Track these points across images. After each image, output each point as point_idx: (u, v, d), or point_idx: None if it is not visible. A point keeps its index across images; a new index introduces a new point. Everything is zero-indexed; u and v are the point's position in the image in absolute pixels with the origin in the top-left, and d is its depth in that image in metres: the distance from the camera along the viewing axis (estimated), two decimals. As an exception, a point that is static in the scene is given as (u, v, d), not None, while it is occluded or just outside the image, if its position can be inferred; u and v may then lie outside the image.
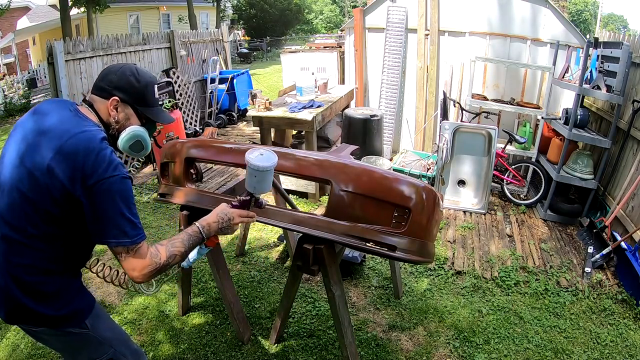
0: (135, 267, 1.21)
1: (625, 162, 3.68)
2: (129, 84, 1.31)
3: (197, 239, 1.36)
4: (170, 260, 1.27)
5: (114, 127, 1.32)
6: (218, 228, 1.40)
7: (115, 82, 1.30)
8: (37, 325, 1.30)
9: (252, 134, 6.89)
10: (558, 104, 4.85)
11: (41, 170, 1.16)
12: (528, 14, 4.72)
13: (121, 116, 1.32)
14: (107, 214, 1.17)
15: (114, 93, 1.29)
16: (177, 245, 1.30)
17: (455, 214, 4.22)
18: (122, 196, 1.19)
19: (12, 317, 1.29)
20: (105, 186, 1.16)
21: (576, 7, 33.42)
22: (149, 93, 1.36)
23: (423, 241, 1.70)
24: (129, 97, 1.31)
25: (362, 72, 5.71)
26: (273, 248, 3.56)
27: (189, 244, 1.33)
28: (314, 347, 2.46)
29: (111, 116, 1.31)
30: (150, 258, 1.23)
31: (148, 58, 6.19)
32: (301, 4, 29.89)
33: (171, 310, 2.77)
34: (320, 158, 1.93)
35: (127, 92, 1.31)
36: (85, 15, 13.87)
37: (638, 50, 3.57)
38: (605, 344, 2.53)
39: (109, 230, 1.18)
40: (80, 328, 1.34)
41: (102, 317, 1.44)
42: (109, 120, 1.31)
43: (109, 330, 1.45)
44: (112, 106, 1.30)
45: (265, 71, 16.28)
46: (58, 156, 1.16)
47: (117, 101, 1.30)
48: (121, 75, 1.30)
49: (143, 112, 1.36)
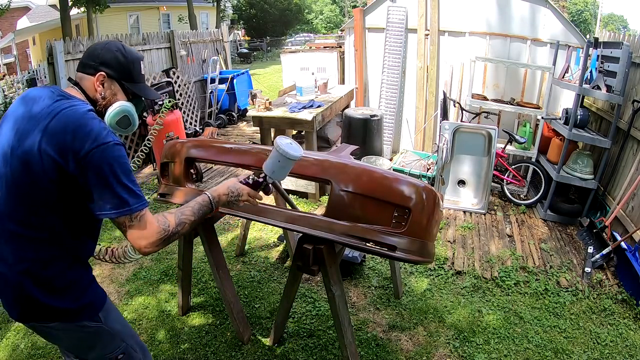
0: (142, 236, 1.18)
1: (625, 162, 3.68)
2: (115, 59, 1.29)
3: (207, 209, 1.36)
4: (179, 229, 1.26)
5: (101, 103, 1.31)
6: (226, 200, 1.42)
7: (101, 58, 1.28)
8: (51, 320, 1.28)
9: (252, 134, 6.89)
10: (558, 104, 4.85)
11: (34, 156, 1.15)
12: (528, 14, 4.72)
13: (108, 92, 1.31)
14: (104, 183, 1.14)
15: (100, 69, 1.28)
16: (187, 214, 1.29)
17: (455, 214, 4.22)
18: (117, 163, 1.16)
19: (26, 315, 1.28)
20: (98, 155, 1.13)
21: (576, 7, 33.41)
22: (135, 69, 1.35)
23: (423, 241, 1.70)
24: (115, 73, 1.30)
25: (362, 72, 5.71)
26: (273, 248, 3.55)
27: (199, 214, 1.32)
28: (314, 347, 2.46)
29: (97, 92, 1.29)
30: (158, 225, 1.21)
31: (148, 58, 6.19)
32: (301, 4, 29.90)
33: (171, 310, 2.76)
34: (320, 158, 1.93)
35: (114, 68, 1.29)
36: (85, 15, 13.87)
37: (638, 50, 3.57)
38: (605, 344, 2.53)
39: (108, 200, 1.15)
40: (94, 321, 1.34)
41: (113, 311, 1.45)
42: (95, 97, 1.30)
43: (119, 323, 1.45)
44: (98, 82, 1.28)
45: (265, 71, 16.29)
46: (46, 136, 1.14)
47: (103, 77, 1.28)
48: (107, 51, 1.29)
49: (130, 88, 1.34)
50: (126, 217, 1.17)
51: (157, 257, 3.41)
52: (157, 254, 3.44)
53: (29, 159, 1.16)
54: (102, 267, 3.28)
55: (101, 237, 3.01)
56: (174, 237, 1.25)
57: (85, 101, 1.27)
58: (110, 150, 1.15)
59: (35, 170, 1.16)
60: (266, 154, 1.99)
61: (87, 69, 1.29)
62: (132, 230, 1.18)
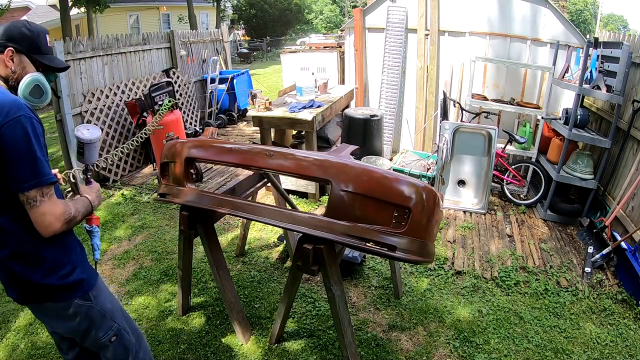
0: (52, 212, 1.24)
1: (625, 162, 3.68)
2: (21, 33, 1.34)
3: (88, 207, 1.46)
4: (77, 216, 1.35)
5: (12, 77, 1.35)
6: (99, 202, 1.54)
7: (8, 34, 1.33)
8: (44, 299, 1.37)
9: (252, 134, 6.89)
10: (558, 104, 4.85)
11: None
12: (528, 14, 4.72)
13: (18, 66, 1.35)
14: (20, 154, 1.19)
15: (7, 44, 1.32)
16: (78, 205, 1.39)
17: (455, 214, 4.22)
18: (33, 134, 1.21)
19: (22, 296, 1.38)
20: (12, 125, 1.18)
21: (576, 7, 33.40)
22: (42, 41, 1.40)
23: (423, 241, 1.70)
24: (23, 46, 1.35)
25: (362, 72, 5.71)
26: (273, 248, 3.55)
27: (83, 208, 1.42)
28: (314, 347, 2.46)
29: (8, 67, 1.33)
30: (64, 206, 1.29)
31: (148, 58, 6.19)
32: (301, 4, 29.88)
33: (171, 310, 2.77)
34: (320, 158, 1.93)
35: (21, 42, 1.34)
36: (85, 15, 13.89)
37: (638, 50, 3.57)
38: (605, 344, 2.53)
39: (24, 171, 1.20)
40: (84, 299, 1.43)
41: (104, 291, 1.53)
42: (6, 73, 1.34)
43: (109, 302, 1.53)
44: (7, 57, 1.33)
45: (265, 71, 16.29)
46: None
47: (12, 52, 1.33)
48: (12, 28, 1.34)
49: (38, 59, 1.39)
50: (38, 190, 1.21)
51: (157, 257, 3.41)
52: (158, 254, 3.44)
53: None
54: (102, 267, 3.28)
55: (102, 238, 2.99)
56: (72, 222, 1.33)
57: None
58: (26, 122, 1.21)
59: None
60: (266, 154, 2.00)
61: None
62: (43, 205, 1.22)
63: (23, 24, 1.37)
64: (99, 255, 1.70)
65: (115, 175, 5.06)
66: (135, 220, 4.05)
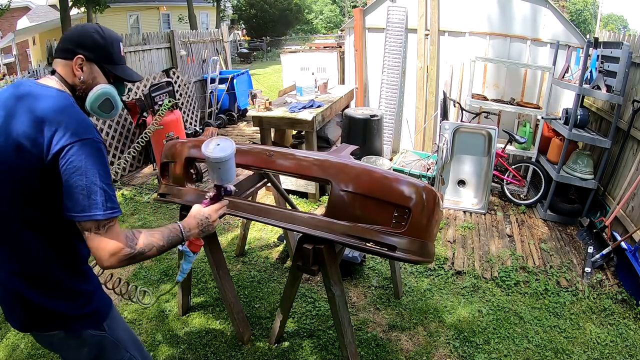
0: (106, 248, 1.09)
1: (625, 162, 3.68)
2: (93, 41, 1.22)
3: (177, 239, 1.30)
4: (146, 250, 1.17)
5: (80, 87, 1.24)
6: (200, 231, 1.39)
7: (78, 40, 1.21)
8: (53, 327, 1.23)
9: (252, 134, 6.89)
10: (558, 104, 4.84)
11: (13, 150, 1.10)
12: (528, 14, 4.72)
13: (87, 76, 1.23)
14: (78, 180, 1.07)
15: (77, 51, 1.21)
16: (156, 237, 1.22)
17: (455, 214, 4.22)
18: (95, 161, 1.09)
19: (28, 322, 1.23)
20: (76, 149, 1.07)
21: (576, 7, 33.40)
22: (115, 49, 1.28)
23: (423, 241, 1.70)
24: (94, 55, 1.23)
25: (362, 72, 5.71)
26: (273, 248, 3.55)
27: (168, 240, 1.26)
28: (314, 347, 2.46)
29: (76, 76, 1.22)
30: (126, 240, 1.12)
31: (148, 58, 6.19)
32: (301, 4, 29.87)
33: (171, 310, 2.77)
34: (320, 158, 1.93)
35: (92, 50, 1.22)
36: (85, 15, 13.88)
37: (638, 50, 3.57)
38: (605, 344, 2.53)
39: (79, 201, 1.07)
40: (98, 330, 1.30)
41: (118, 319, 1.40)
42: (74, 82, 1.23)
43: (123, 331, 1.41)
44: (76, 65, 1.21)
45: (265, 71, 16.28)
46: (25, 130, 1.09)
47: (82, 59, 1.21)
48: (84, 33, 1.23)
49: (110, 70, 1.27)
50: (94, 223, 1.08)
51: (157, 257, 3.41)
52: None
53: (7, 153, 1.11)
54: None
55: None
56: (138, 258, 1.16)
57: (63, 89, 1.21)
58: (92, 146, 1.10)
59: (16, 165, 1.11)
60: (266, 154, 2.00)
61: (64, 53, 1.22)
62: (96, 240, 1.09)
63: (95, 29, 1.24)
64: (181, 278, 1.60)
65: (115, 175, 5.06)
66: (135, 220, 4.05)
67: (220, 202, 1.48)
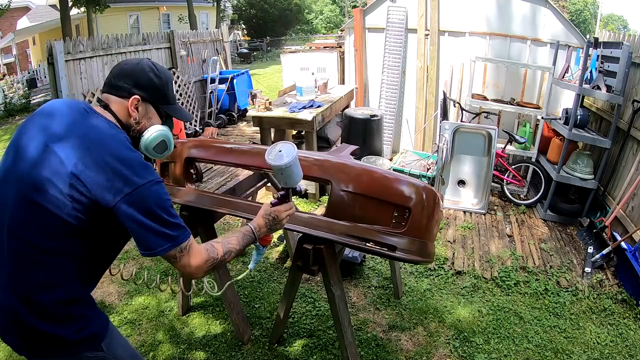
0: (191, 264, 1.18)
1: (625, 162, 3.68)
2: (149, 81, 1.22)
3: (250, 239, 1.39)
4: (226, 257, 1.28)
5: (135, 128, 1.23)
6: (267, 229, 1.44)
7: (135, 80, 1.21)
8: (49, 353, 1.18)
9: (252, 134, 6.89)
10: (558, 104, 4.85)
11: (62, 179, 1.06)
12: (528, 14, 4.72)
13: (142, 116, 1.23)
14: (150, 223, 1.09)
15: (133, 91, 1.20)
16: (232, 243, 1.31)
17: (455, 214, 4.22)
18: (160, 201, 1.11)
19: (24, 347, 1.18)
20: (143, 194, 1.08)
21: (576, 7, 33.40)
22: (169, 89, 1.29)
23: (423, 241, 1.70)
24: (150, 95, 1.23)
25: (362, 72, 5.71)
26: (273, 248, 3.55)
27: (243, 243, 1.35)
28: (314, 347, 2.46)
29: (132, 117, 1.21)
30: (208, 253, 1.22)
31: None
32: (301, 4, 29.88)
33: (171, 310, 2.77)
34: (320, 158, 1.93)
35: (148, 90, 1.22)
36: (85, 15, 13.88)
37: (638, 50, 3.57)
38: (605, 344, 2.53)
39: (155, 238, 1.11)
40: (96, 351, 1.25)
41: (115, 336, 1.36)
42: (128, 122, 1.22)
43: (121, 348, 1.37)
44: (132, 106, 1.20)
45: (265, 71, 16.29)
46: (83, 163, 1.06)
47: (137, 100, 1.20)
48: (141, 73, 1.22)
49: (165, 110, 1.28)
50: (175, 250, 1.14)
51: (158, 257, 3.40)
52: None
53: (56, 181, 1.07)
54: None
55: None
56: (220, 264, 1.27)
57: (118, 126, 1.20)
58: (156, 188, 1.11)
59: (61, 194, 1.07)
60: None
61: (119, 90, 1.21)
62: (183, 260, 1.17)
63: (150, 67, 1.24)
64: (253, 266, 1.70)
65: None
66: (135, 220, 4.05)
67: (288, 203, 1.49)
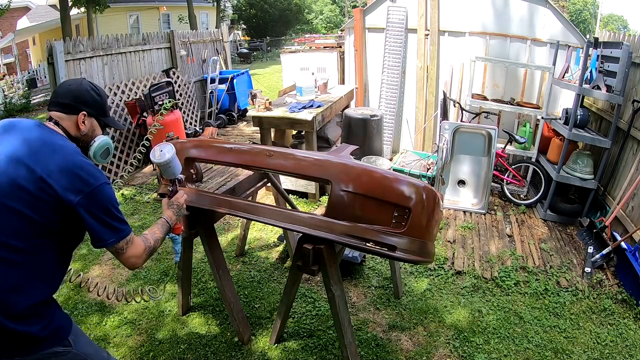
0: (135, 254, 1.41)
1: (625, 162, 3.68)
2: (92, 98, 1.46)
3: (167, 227, 1.66)
4: (156, 244, 1.53)
5: (82, 139, 1.46)
6: (176, 216, 1.75)
7: (81, 99, 1.43)
8: (21, 350, 1.25)
9: (252, 134, 6.89)
10: (558, 104, 4.85)
11: (32, 183, 1.23)
12: (527, 14, 4.72)
13: (89, 129, 1.46)
14: (105, 218, 1.32)
15: (81, 108, 1.42)
16: (157, 233, 1.58)
17: (455, 214, 4.22)
18: (111, 198, 1.35)
19: (6, 350, 1.24)
20: (98, 193, 1.30)
21: (576, 7, 33.39)
22: (105, 104, 1.54)
23: (423, 241, 1.70)
24: (93, 111, 1.46)
25: (362, 72, 5.71)
26: (273, 248, 3.55)
27: (164, 231, 1.63)
28: (314, 347, 2.46)
29: (80, 130, 1.43)
30: (144, 243, 1.47)
31: (148, 58, 6.19)
32: (301, 4, 29.87)
33: (171, 310, 2.77)
34: (320, 158, 1.93)
35: (92, 106, 1.46)
36: (85, 15, 13.87)
37: (638, 50, 3.57)
38: (605, 344, 2.53)
39: (109, 231, 1.34)
40: (64, 346, 1.34)
41: (81, 335, 1.46)
42: (77, 135, 1.44)
43: (88, 345, 1.46)
44: (81, 121, 1.42)
45: (265, 71, 16.28)
46: (49, 169, 1.25)
47: (84, 115, 1.43)
48: (85, 92, 1.45)
49: (104, 121, 1.52)
50: (123, 241, 1.37)
51: (157, 257, 3.41)
52: (157, 254, 3.44)
53: (27, 185, 1.23)
54: (102, 267, 3.28)
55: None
56: (153, 252, 1.52)
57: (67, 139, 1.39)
58: (108, 188, 1.34)
59: (33, 197, 1.23)
60: (266, 154, 2.00)
61: (67, 108, 1.42)
62: (128, 252, 1.39)
63: (91, 87, 1.48)
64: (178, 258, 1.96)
65: (115, 175, 5.06)
66: (135, 220, 4.05)
67: (180, 192, 1.88)
